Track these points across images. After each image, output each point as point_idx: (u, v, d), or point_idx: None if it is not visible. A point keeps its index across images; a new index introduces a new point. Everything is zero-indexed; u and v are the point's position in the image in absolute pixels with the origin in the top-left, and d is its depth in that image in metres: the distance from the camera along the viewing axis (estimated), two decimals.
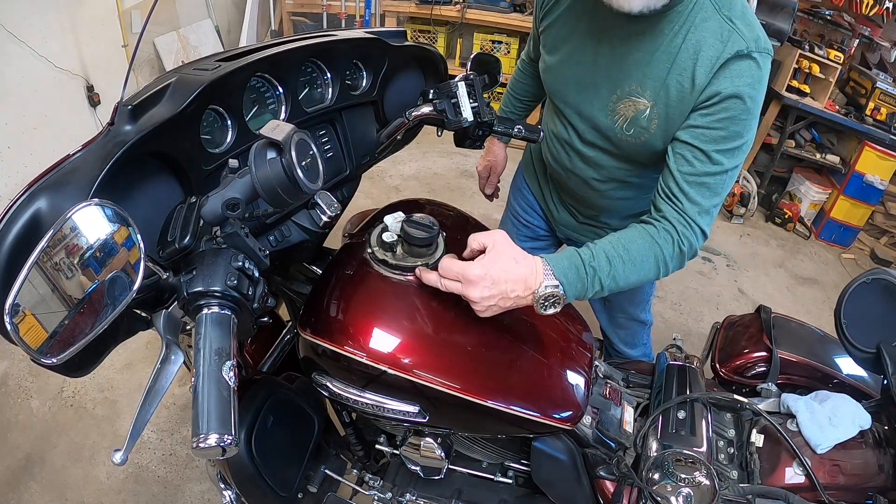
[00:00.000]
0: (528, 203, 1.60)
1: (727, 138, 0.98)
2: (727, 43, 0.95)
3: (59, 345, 0.62)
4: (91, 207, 0.62)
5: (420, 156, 3.80)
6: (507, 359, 0.98)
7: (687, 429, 1.04)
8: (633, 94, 1.07)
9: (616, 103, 1.10)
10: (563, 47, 1.18)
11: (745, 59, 0.95)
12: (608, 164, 1.23)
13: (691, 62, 0.98)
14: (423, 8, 3.83)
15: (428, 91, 1.16)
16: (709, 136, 0.99)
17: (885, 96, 3.35)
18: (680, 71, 1.00)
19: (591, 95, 1.14)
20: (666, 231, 1.01)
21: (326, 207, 0.96)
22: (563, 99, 1.22)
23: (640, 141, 1.10)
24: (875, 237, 3.69)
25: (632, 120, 1.09)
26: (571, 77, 1.17)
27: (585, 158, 1.25)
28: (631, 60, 1.05)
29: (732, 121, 0.97)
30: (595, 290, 0.96)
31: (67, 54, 2.75)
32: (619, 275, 0.97)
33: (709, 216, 1.03)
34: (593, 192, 1.31)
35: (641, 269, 0.99)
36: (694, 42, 0.98)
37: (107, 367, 2.16)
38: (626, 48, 1.05)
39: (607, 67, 1.09)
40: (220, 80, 0.84)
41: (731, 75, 0.96)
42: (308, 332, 0.96)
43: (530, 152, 1.58)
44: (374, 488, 1.21)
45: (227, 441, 0.63)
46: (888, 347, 1.06)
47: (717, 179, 1.01)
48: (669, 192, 1.02)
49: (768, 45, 0.98)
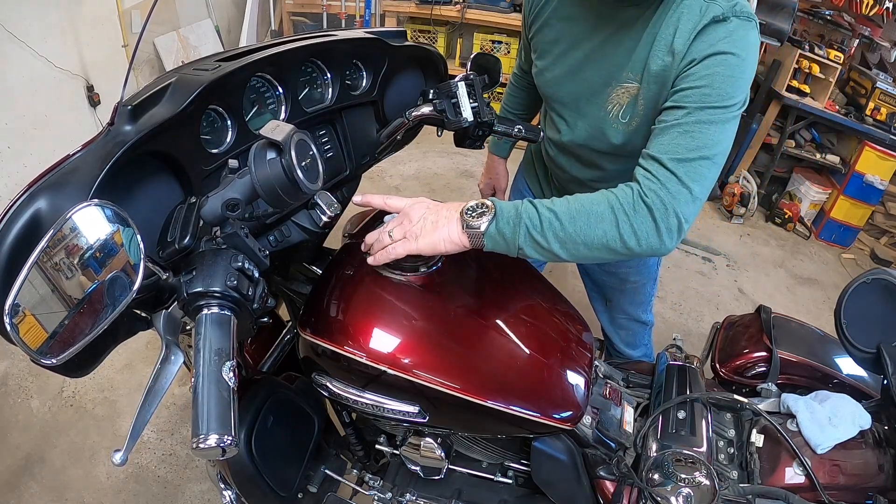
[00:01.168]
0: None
1: (711, 96, 0.90)
2: (704, 13, 0.93)
3: (58, 345, 0.62)
4: (91, 208, 0.62)
5: (420, 156, 3.80)
6: (507, 359, 0.98)
7: (687, 429, 1.04)
8: (625, 81, 1.06)
9: (610, 94, 1.09)
10: (553, 49, 1.18)
11: (721, 23, 0.92)
12: (607, 165, 1.23)
13: (671, 36, 0.96)
14: (423, 8, 3.83)
15: (428, 91, 1.16)
16: (693, 95, 0.91)
17: (885, 96, 3.34)
18: (661, 47, 0.98)
19: (587, 91, 1.15)
20: (627, 185, 0.89)
21: (326, 207, 0.97)
22: (559, 100, 1.22)
23: (633, 127, 1.08)
24: (875, 237, 3.69)
25: (625, 107, 1.08)
26: (565, 76, 1.17)
27: (585, 161, 1.26)
28: (621, 49, 1.05)
29: (715, 77, 0.90)
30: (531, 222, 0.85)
31: (67, 54, 2.75)
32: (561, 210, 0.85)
33: (690, 167, 0.87)
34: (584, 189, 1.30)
35: (591, 212, 0.85)
36: (674, 19, 0.97)
37: (107, 367, 2.16)
38: (615, 38, 1.06)
39: (599, 61, 1.10)
40: (220, 80, 0.83)
41: (708, 38, 0.92)
42: (308, 332, 0.96)
43: (531, 154, 1.58)
44: (374, 488, 1.21)
45: (227, 441, 0.63)
46: (888, 347, 1.06)
47: (700, 130, 0.89)
48: (644, 151, 0.93)
49: (748, 11, 0.94)
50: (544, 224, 0.85)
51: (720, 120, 0.90)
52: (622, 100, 1.08)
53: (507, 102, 1.60)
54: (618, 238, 0.85)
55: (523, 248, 0.86)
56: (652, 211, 0.86)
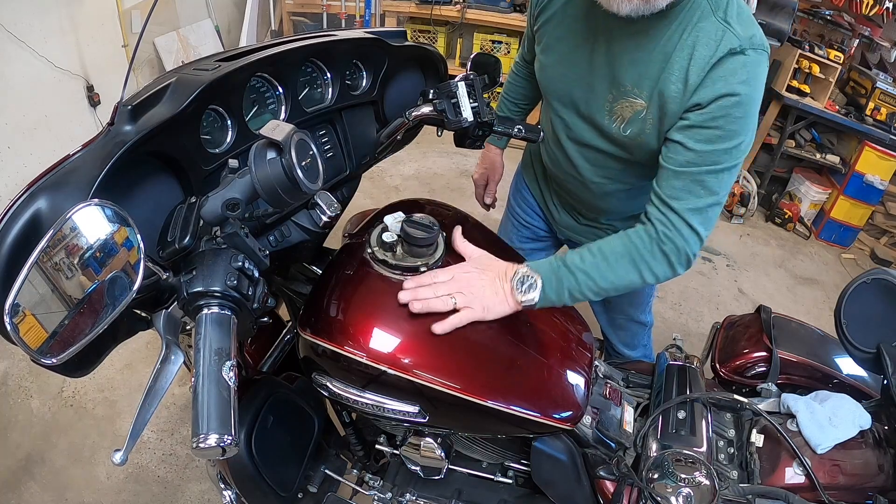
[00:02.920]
0: (528, 204, 1.59)
1: (722, 137, 0.96)
2: (720, 42, 0.94)
3: (59, 345, 0.62)
4: (91, 207, 0.62)
5: (420, 156, 3.80)
6: (507, 359, 0.98)
7: (687, 429, 1.04)
8: (630, 95, 1.06)
9: (613, 104, 1.09)
10: (558, 46, 1.17)
11: (738, 56, 0.94)
12: (607, 164, 1.22)
13: (685, 63, 0.97)
14: (423, 8, 3.83)
15: (428, 91, 1.16)
16: (703, 135, 0.96)
17: (885, 96, 3.34)
18: (674, 72, 0.98)
19: (589, 95, 1.14)
20: (644, 230, 1.01)
21: (326, 207, 0.96)
22: (559, 99, 1.21)
23: (638, 141, 1.09)
24: (875, 237, 3.69)
25: (629, 120, 1.08)
26: (568, 77, 1.16)
27: (585, 159, 1.25)
28: (627, 61, 1.04)
29: (728, 119, 0.95)
30: (571, 285, 0.99)
31: (67, 54, 2.75)
32: (592, 270, 0.99)
33: (701, 215, 0.99)
34: (593, 194, 1.31)
35: (617, 267, 1.00)
36: (689, 43, 0.97)
37: (107, 367, 2.16)
38: (622, 49, 1.04)
39: (603, 67, 1.08)
40: (220, 80, 0.83)
41: (724, 73, 0.94)
42: (308, 332, 0.96)
43: (530, 153, 1.57)
44: (374, 488, 1.21)
45: (227, 441, 0.63)
46: (888, 347, 1.06)
47: (711, 178, 0.97)
48: (657, 192, 1.01)
49: (764, 43, 0.96)
50: (581, 285, 1.00)
51: (730, 163, 0.98)
52: (626, 113, 1.08)
53: (507, 91, 1.56)
54: (640, 281, 1.02)
55: (566, 303, 1.02)
56: (668, 256, 1.00)
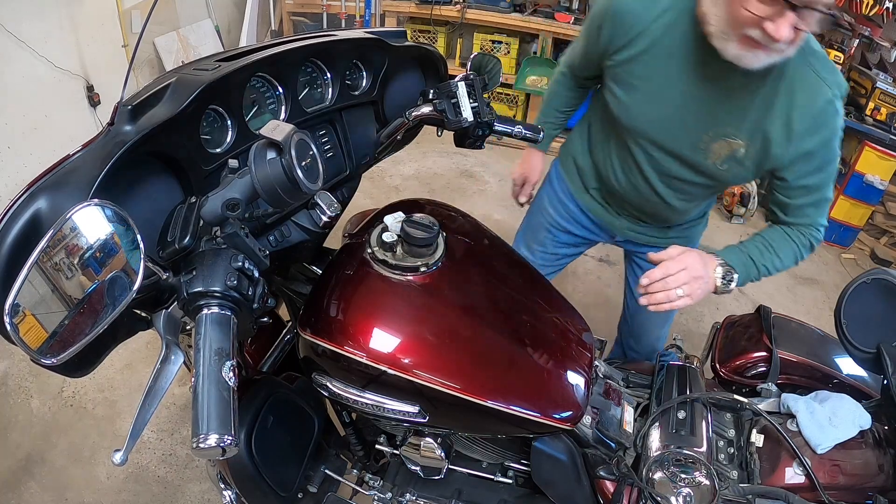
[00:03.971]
0: (570, 213, 1.57)
1: (829, 162, 1.14)
2: (817, 93, 1.07)
3: (59, 345, 0.62)
4: (91, 207, 0.62)
5: (420, 156, 3.80)
6: (507, 359, 0.98)
7: (687, 429, 1.04)
8: (728, 136, 1.14)
9: (709, 143, 1.16)
10: (643, 85, 1.16)
11: (833, 103, 1.08)
12: (693, 191, 1.29)
13: (786, 108, 1.08)
14: (423, 8, 3.83)
15: (428, 91, 1.16)
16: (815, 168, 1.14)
17: (885, 96, 3.34)
18: (777, 116, 1.09)
19: (679, 134, 1.17)
20: (801, 235, 1.23)
21: (326, 207, 0.97)
22: (643, 136, 1.23)
23: (733, 174, 1.20)
24: (875, 237, 3.69)
25: (726, 158, 1.17)
26: (655, 115, 1.18)
27: (668, 187, 1.29)
28: (728, 105, 1.11)
29: (830, 150, 1.12)
30: (753, 275, 1.20)
31: (67, 54, 2.75)
32: (768, 263, 1.20)
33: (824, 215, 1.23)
34: (672, 210, 1.36)
35: (784, 259, 1.22)
36: (787, 91, 1.07)
37: (107, 367, 2.16)
38: (724, 94, 1.10)
39: (700, 109, 1.13)
40: (220, 80, 0.84)
41: (825, 120, 1.09)
42: (308, 332, 0.95)
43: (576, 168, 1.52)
44: (374, 488, 1.21)
45: (227, 441, 0.63)
46: (888, 347, 1.06)
47: (825, 191, 1.19)
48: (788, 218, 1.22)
49: (843, 84, 1.10)
50: (760, 274, 1.20)
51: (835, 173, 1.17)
52: (723, 151, 1.16)
53: (552, 101, 1.52)
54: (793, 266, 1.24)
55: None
56: (812, 247, 1.24)
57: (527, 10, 3.79)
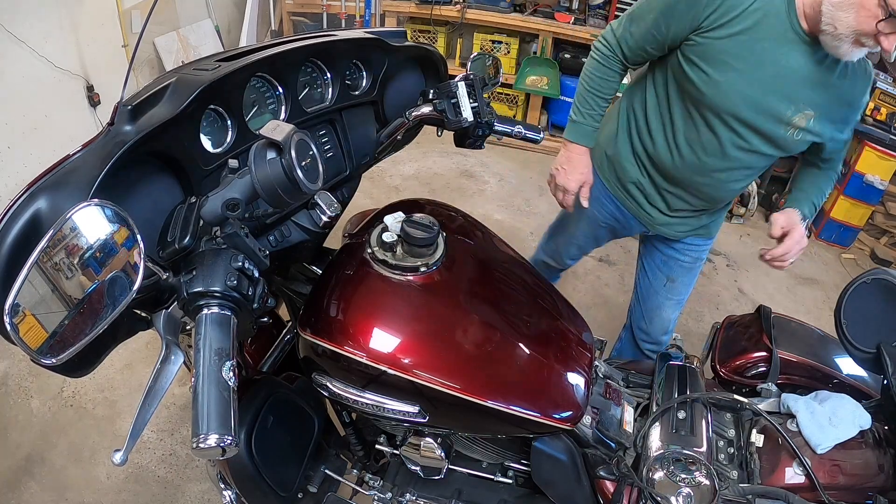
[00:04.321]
0: (608, 211, 1.62)
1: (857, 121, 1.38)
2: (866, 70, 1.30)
3: (59, 345, 0.62)
4: (91, 207, 0.62)
5: (420, 156, 3.79)
6: (507, 359, 0.98)
7: (687, 429, 1.04)
8: (806, 109, 1.26)
9: (791, 117, 1.27)
10: (735, 63, 1.22)
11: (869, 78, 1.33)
12: (759, 164, 1.40)
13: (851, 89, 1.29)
14: (423, 8, 3.83)
15: (428, 91, 1.16)
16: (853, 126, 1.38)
17: (885, 96, 3.34)
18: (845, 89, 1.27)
19: (767, 110, 1.26)
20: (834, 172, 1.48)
21: (326, 207, 0.96)
22: (731, 112, 1.27)
23: (805, 140, 1.32)
24: (875, 237, 3.68)
25: (802, 129, 1.29)
26: (747, 93, 1.24)
27: (739, 160, 1.35)
28: (809, 83, 1.23)
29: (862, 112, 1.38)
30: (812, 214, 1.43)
31: (67, 54, 2.75)
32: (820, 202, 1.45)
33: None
34: (723, 186, 1.43)
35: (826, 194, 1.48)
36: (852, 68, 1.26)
37: (107, 367, 2.16)
38: (807, 72, 1.23)
39: (787, 87, 1.23)
40: (220, 80, 0.84)
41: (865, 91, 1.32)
42: (308, 332, 0.95)
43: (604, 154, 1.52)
44: (374, 488, 1.21)
45: (227, 441, 0.63)
46: (888, 347, 1.07)
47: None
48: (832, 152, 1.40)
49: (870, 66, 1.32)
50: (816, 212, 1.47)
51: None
52: (801, 123, 1.29)
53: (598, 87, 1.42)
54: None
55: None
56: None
57: (527, 10, 3.79)
